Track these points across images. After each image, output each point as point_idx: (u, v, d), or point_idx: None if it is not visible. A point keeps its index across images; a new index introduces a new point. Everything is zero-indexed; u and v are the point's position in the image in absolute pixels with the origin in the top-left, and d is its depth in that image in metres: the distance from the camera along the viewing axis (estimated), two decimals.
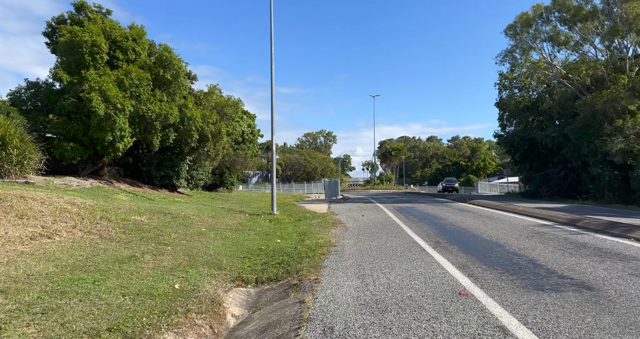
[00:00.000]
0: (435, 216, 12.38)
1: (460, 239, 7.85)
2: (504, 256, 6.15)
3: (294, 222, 12.30)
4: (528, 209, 13.04)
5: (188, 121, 15.78)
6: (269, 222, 12.36)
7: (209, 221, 11.02)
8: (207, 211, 12.52)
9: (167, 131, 15.45)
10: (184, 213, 11.04)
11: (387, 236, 8.54)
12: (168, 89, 15.34)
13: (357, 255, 6.58)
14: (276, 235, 9.76)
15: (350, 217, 12.91)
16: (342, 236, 8.79)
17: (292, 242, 8.72)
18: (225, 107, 17.46)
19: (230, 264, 6.75)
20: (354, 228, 10.12)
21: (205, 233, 9.15)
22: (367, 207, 17.37)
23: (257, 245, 8.39)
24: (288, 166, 77.37)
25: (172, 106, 14.97)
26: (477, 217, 11.78)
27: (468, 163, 76.11)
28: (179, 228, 9.08)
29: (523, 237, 7.90)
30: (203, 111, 16.73)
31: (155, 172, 17.11)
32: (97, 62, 13.90)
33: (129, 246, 6.79)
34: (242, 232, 10.00)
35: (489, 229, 9.11)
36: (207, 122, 16.54)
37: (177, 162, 17.73)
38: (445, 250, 6.71)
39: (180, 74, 15.41)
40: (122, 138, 13.82)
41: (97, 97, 12.75)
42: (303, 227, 11.05)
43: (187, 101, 16.01)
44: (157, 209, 10.69)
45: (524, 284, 4.53)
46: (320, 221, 12.27)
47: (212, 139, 17.55)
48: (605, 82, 21.22)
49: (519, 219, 11.18)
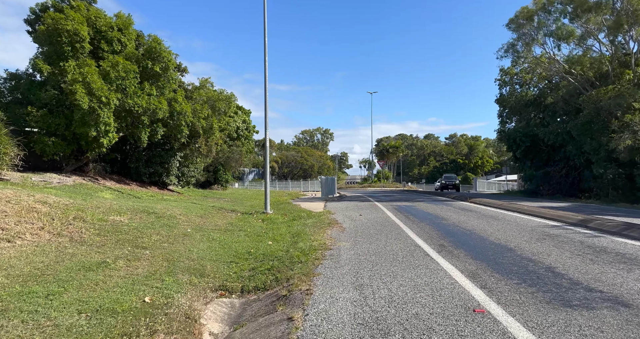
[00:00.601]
0: (436, 216, 11.78)
1: (466, 242, 7.24)
2: (517, 262, 5.54)
3: (287, 222, 11.66)
4: (533, 208, 12.46)
5: (178, 115, 15.06)
6: (262, 222, 11.72)
7: (196, 220, 10.35)
8: (195, 210, 11.85)
9: (155, 126, 14.73)
10: (169, 212, 10.37)
11: (387, 238, 7.93)
12: (157, 82, 14.60)
13: (355, 260, 5.95)
14: (268, 236, 9.12)
15: (347, 217, 12.29)
16: (339, 238, 8.17)
17: (284, 244, 8.09)
18: (217, 102, 16.72)
19: (215, 271, 6.11)
20: (351, 229, 9.50)
21: (191, 235, 8.49)
22: (365, 206, 16.76)
23: (246, 248, 7.75)
24: (285, 163, 76.66)
25: (161, 100, 14.25)
26: (481, 218, 11.19)
27: (466, 161, 75.73)
28: (162, 229, 8.42)
29: (534, 240, 7.30)
30: (194, 105, 16.00)
31: (143, 169, 16.38)
32: (77, 53, 13.14)
33: (102, 250, 6.13)
34: (232, 234, 9.35)
35: (496, 231, 8.51)
36: (198, 117, 15.82)
37: (167, 159, 17.00)
38: (451, 255, 6.09)
39: (169, 67, 14.66)
40: (107, 133, 13.09)
41: (81, 89, 12.01)
42: (297, 227, 10.42)
43: (177, 95, 15.28)
44: (141, 208, 10.01)
45: (548, 299, 3.91)
46: (316, 220, 11.64)
47: (204, 134, 16.83)
48: (609, 78, 20.66)
49: (525, 219, 10.59)
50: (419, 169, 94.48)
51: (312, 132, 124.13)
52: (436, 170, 79.61)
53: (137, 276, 5.21)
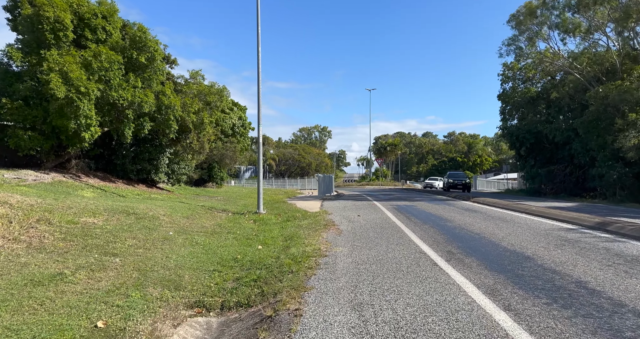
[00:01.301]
0: (439, 217, 11.04)
1: (477, 248, 6.50)
2: (541, 274, 4.80)
3: (281, 223, 10.90)
4: (542, 209, 11.74)
5: (166, 109, 14.23)
6: (253, 223, 10.95)
7: (181, 222, 9.57)
8: (182, 210, 11.06)
9: (142, 121, 13.89)
10: (152, 213, 9.58)
11: (388, 242, 7.17)
12: (143, 74, 13.75)
13: (353, 271, 5.20)
14: (258, 240, 8.36)
15: (344, 218, 11.54)
16: (335, 242, 7.41)
17: (275, 249, 7.33)
18: (208, 95, 15.87)
19: (193, 282, 5.34)
20: (348, 231, 8.74)
21: (172, 238, 7.71)
22: (363, 205, 16.01)
23: (233, 253, 6.98)
24: (282, 161, 75.81)
25: (147, 93, 13.40)
26: (488, 219, 10.46)
27: (465, 159, 75.09)
28: (141, 232, 7.64)
29: (552, 246, 6.56)
30: (184, 99, 15.16)
31: (130, 166, 15.54)
32: (60, 41, 12.28)
33: (62, 259, 5.34)
34: (219, 237, 8.58)
35: (507, 235, 7.77)
36: (187, 112, 14.98)
37: (156, 155, 16.16)
38: (462, 265, 5.35)
39: (156, 57, 13.80)
40: (89, 127, 12.25)
41: (57, 78, 11.16)
42: (291, 229, 9.66)
43: (165, 88, 14.43)
44: (120, 208, 9.22)
45: (592, 328, 3.17)
46: (311, 221, 10.89)
47: (195, 130, 16.01)
48: (617, 73, 19.94)
49: (536, 221, 9.86)
50: (417, 167, 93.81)
51: (310, 129, 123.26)
52: (434, 168, 78.89)
53: (97, 292, 4.43)
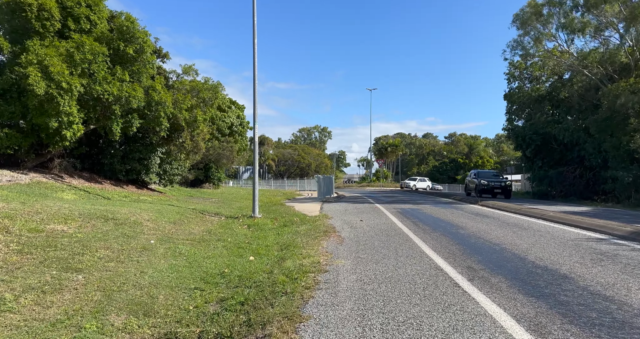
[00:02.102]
0: (449, 223, 10.16)
1: (501, 263, 5.62)
2: (591, 302, 3.91)
3: (277, 229, 10.02)
4: (560, 215, 10.86)
5: (156, 105, 13.34)
6: (247, 229, 10.07)
7: (166, 228, 8.68)
8: (170, 214, 10.17)
9: (130, 117, 13.00)
10: (135, 218, 8.69)
11: (397, 254, 6.30)
12: (131, 68, 12.87)
13: (358, 293, 4.32)
14: (250, 249, 7.48)
15: (346, 223, 10.67)
16: (336, 253, 6.54)
17: (268, 261, 6.46)
18: (202, 91, 14.99)
19: (168, 304, 4.47)
20: (351, 240, 7.87)
21: (153, 248, 6.83)
22: (365, 208, 15.14)
23: (221, 266, 6.11)
24: (281, 161, 74.94)
25: (136, 88, 12.52)
26: (504, 226, 9.57)
27: (466, 160, 74.17)
28: (117, 241, 6.75)
29: (589, 261, 5.68)
30: (175, 94, 14.29)
31: (119, 166, 14.65)
32: (47, 30, 11.42)
33: (10, 278, 4.46)
34: (207, 245, 7.69)
35: (531, 246, 6.89)
36: (179, 108, 14.10)
37: (147, 155, 15.28)
38: (489, 286, 4.47)
39: (145, 50, 12.92)
40: (71, 125, 11.37)
41: (36, 72, 10.29)
42: (287, 236, 8.79)
43: (155, 82, 13.55)
44: (99, 213, 8.33)
45: None
46: (310, 227, 10.02)
47: (188, 128, 15.13)
48: (632, 71, 19.10)
49: (557, 229, 8.98)
50: (418, 168, 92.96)
51: (309, 130, 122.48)
52: (435, 169, 77.97)
53: (41, 323, 3.55)
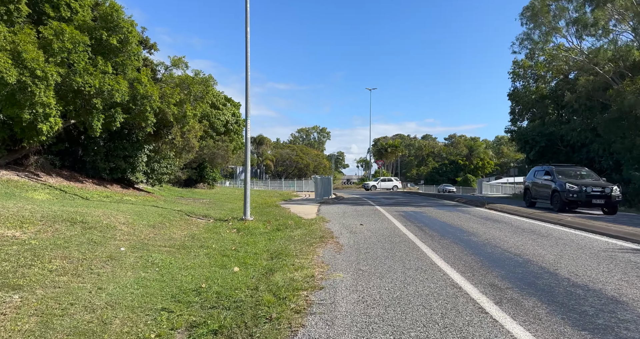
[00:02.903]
0: (459, 229, 9.26)
1: (528, 278, 4.72)
2: None
3: (269, 234, 9.10)
4: (579, 220, 9.93)
5: (142, 99, 12.41)
6: (236, 233, 9.15)
7: (144, 232, 7.76)
8: (150, 217, 9.24)
9: (113, 112, 12.07)
10: (108, 221, 7.77)
11: (404, 266, 5.40)
12: (115, 59, 11.95)
13: (361, 321, 3.41)
14: (236, 258, 6.55)
15: (345, 227, 9.77)
16: (334, 264, 5.65)
17: (255, 273, 5.54)
18: (192, 85, 14.07)
19: (122, 333, 3.53)
20: (350, 247, 6.97)
21: (122, 257, 5.90)
22: (365, 211, 14.24)
23: (198, 279, 5.18)
24: (279, 161, 74.05)
25: (119, 80, 11.59)
26: (519, 232, 8.68)
27: (466, 162, 73.43)
28: (79, 249, 5.83)
29: (635, 278, 4.78)
30: (163, 88, 13.37)
31: (102, 164, 13.70)
32: (12, 16, 10.49)
33: None
34: (187, 253, 6.77)
35: (559, 258, 5.99)
36: (167, 103, 13.17)
37: (133, 152, 14.34)
38: (523, 312, 3.56)
39: (130, 40, 12.00)
40: (47, 117, 10.44)
41: (6, 59, 9.35)
42: (280, 242, 7.87)
43: (141, 75, 12.62)
44: (66, 216, 7.41)
45: None
46: (305, 231, 9.11)
47: (177, 124, 14.22)
48: None
49: (581, 236, 8.08)
50: (417, 169, 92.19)
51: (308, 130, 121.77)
52: (435, 171, 77.23)
53: None
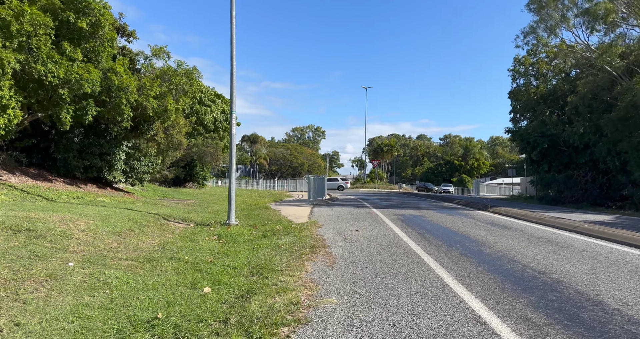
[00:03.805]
0: (466, 237, 8.30)
1: (569, 310, 3.74)
2: None
3: (253, 241, 8.06)
4: (598, 228, 9.03)
5: (117, 91, 11.29)
6: (216, 241, 8.08)
7: (105, 241, 6.67)
8: (119, 222, 8.15)
9: (84, 104, 10.94)
10: (64, 228, 6.67)
11: (410, 288, 4.40)
12: (85, 45, 10.81)
13: None
14: (210, 273, 5.50)
15: (338, 233, 8.77)
16: (325, 284, 4.64)
17: (228, 298, 4.50)
18: (173, 77, 12.95)
19: None
20: (345, 260, 5.97)
21: (66, 275, 4.82)
22: (361, 214, 13.24)
23: (156, 305, 4.12)
24: (273, 160, 72.88)
25: (90, 69, 10.45)
26: (534, 242, 7.73)
27: (462, 162, 72.85)
28: (10, 266, 4.72)
29: None
30: (142, 80, 12.24)
31: (75, 162, 12.53)
32: None
33: None
34: (152, 268, 5.69)
35: (592, 277, 5.03)
36: (146, 95, 12.05)
37: (110, 149, 13.18)
38: None
39: (103, 24, 10.86)
40: (5, 109, 9.29)
41: None
42: (264, 252, 6.84)
43: (117, 64, 11.49)
44: (10, 222, 6.29)
45: None
46: (295, 239, 8.10)
47: (158, 119, 13.09)
48: None
49: (607, 248, 7.15)
50: (412, 169, 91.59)
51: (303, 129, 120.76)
52: (430, 171, 76.67)
53: None
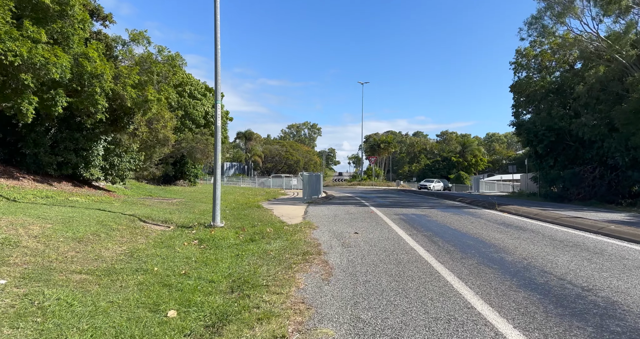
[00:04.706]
0: (479, 240, 7.32)
1: None
2: None
3: (239, 247, 7.03)
4: (627, 230, 8.12)
5: (90, 79, 10.17)
6: (196, 247, 7.04)
7: (59, 250, 5.61)
8: (82, 226, 7.07)
9: (52, 94, 9.81)
10: (10, 234, 5.60)
11: (427, 314, 3.40)
12: (52, 25, 9.67)
13: None
14: (181, 291, 4.45)
15: (335, 236, 7.77)
16: (319, 306, 3.63)
17: (195, 326, 3.48)
18: (154, 64, 11.82)
19: None
20: (343, 271, 4.96)
21: None
22: (359, 214, 12.25)
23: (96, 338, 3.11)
24: (268, 157, 71.74)
25: (57, 52, 9.31)
26: (559, 247, 6.78)
27: (460, 159, 72.06)
28: None
29: None
30: (118, 67, 11.13)
31: (47, 158, 11.42)
32: None
33: None
34: (109, 284, 4.65)
35: None
36: (123, 84, 10.94)
37: (86, 144, 12.07)
38: None
39: (72, 3, 9.73)
40: None
41: None
42: (249, 261, 5.82)
43: (89, 49, 10.36)
44: None
45: None
46: (286, 244, 7.09)
47: (138, 111, 11.98)
48: None
49: None
50: (409, 166, 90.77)
51: (299, 126, 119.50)
52: (428, 168, 75.91)
53: None
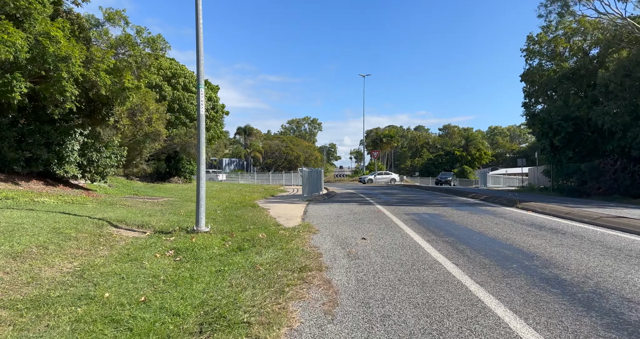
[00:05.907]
0: (515, 248, 6.00)
1: None
2: None
3: (223, 259, 5.72)
4: None
5: (55, 62, 8.82)
6: (170, 259, 5.72)
7: None
8: (27, 235, 5.77)
9: (8, 78, 8.48)
10: None
11: None
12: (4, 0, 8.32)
13: None
14: (130, 332, 3.18)
15: (339, 244, 6.46)
16: None
17: None
18: (132, 47, 10.43)
19: None
20: (352, 298, 3.62)
21: None
22: (365, 213, 10.94)
23: None
24: (268, 153, 70.37)
25: (9, 29, 7.96)
26: (623, 259, 5.46)
27: (463, 153, 70.63)
28: None
29: None
30: (90, 50, 9.78)
31: (12, 153, 10.10)
32: None
33: None
34: (29, 323, 3.34)
35: None
36: (96, 69, 9.60)
37: (59, 138, 10.75)
38: None
39: None
40: None
41: None
42: (231, 280, 4.52)
43: (54, 28, 9.00)
44: None
45: None
46: (279, 255, 5.79)
47: (115, 100, 10.64)
48: None
49: None
50: (412, 161, 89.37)
51: (299, 121, 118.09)
52: (431, 162, 74.53)
53: None
